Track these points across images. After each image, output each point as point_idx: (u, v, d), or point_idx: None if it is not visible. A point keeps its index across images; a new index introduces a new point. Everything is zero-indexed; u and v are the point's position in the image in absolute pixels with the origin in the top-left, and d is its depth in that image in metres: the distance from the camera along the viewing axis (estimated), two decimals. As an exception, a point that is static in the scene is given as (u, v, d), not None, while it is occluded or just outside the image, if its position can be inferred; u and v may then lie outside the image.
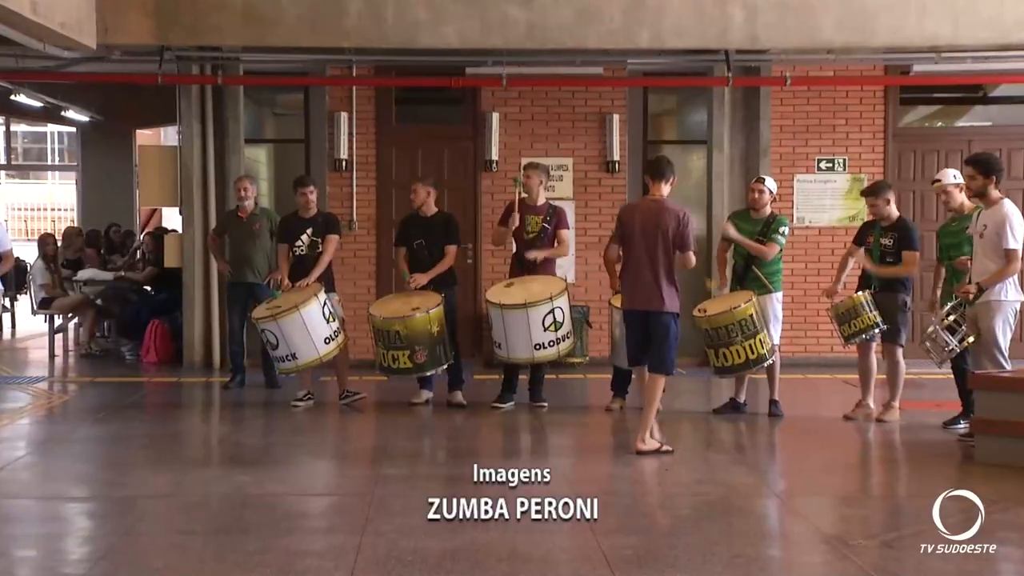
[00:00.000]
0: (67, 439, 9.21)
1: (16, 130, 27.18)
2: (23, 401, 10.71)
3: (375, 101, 13.03)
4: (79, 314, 14.09)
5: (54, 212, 28.38)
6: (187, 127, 12.53)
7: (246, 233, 11.23)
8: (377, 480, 7.78)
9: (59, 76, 13.17)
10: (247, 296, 11.14)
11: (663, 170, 8.42)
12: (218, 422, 10.48)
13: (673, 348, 8.31)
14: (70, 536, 6.61)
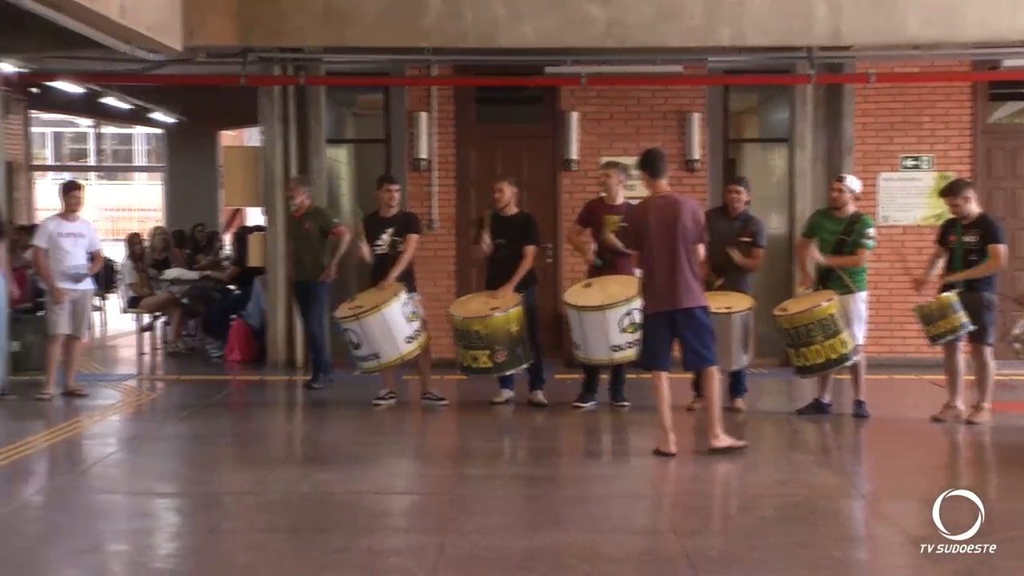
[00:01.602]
0: (154, 436, 9.35)
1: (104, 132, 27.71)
2: (113, 398, 10.89)
3: (454, 100, 13.04)
4: (166, 313, 14.29)
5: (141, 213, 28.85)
6: (269, 128, 12.64)
7: (298, 233, 11.34)
8: (458, 479, 7.78)
9: (145, 78, 13.37)
10: (303, 294, 11.29)
11: (662, 165, 8.32)
12: (300, 421, 10.56)
13: (711, 340, 8.20)
14: (158, 531, 6.69)
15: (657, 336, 8.22)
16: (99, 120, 23.59)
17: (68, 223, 10.74)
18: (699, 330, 8.13)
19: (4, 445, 8.61)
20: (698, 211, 8.23)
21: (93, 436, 9.34)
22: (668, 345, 8.23)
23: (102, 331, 15.97)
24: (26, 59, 12.27)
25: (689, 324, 8.11)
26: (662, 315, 8.18)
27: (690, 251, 8.11)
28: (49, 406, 10.26)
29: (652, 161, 8.34)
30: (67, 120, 27.31)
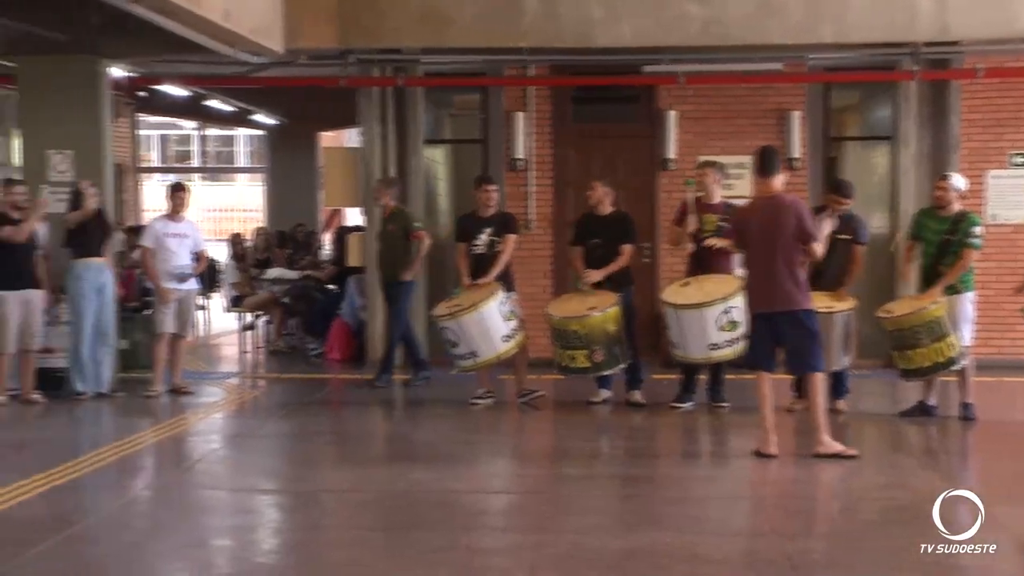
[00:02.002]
0: (256, 433, 9.51)
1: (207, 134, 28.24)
2: (217, 396, 11.10)
3: (551, 100, 13.05)
4: (267, 312, 14.52)
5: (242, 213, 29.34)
6: (368, 129, 12.78)
7: (382, 234, 11.42)
8: (556, 479, 7.78)
9: (248, 81, 13.61)
10: (388, 293, 11.37)
11: (773, 163, 8.16)
12: (398, 419, 10.66)
13: (817, 344, 8.07)
14: (261, 527, 6.81)
15: (760, 336, 8.14)
16: (203, 122, 24.06)
17: (174, 224, 10.98)
18: (801, 334, 8.01)
19: (114, 441, 8.83)
20: (803, 212, 8.08)
21: (198, 433, 9.53)
22: (770, 346, 8.13)
23: (206, 330, 16.27)
24: (134, 64, 12.58)
25: (790, 327, 8.00)
26: (764, 316, 8.09)
27: (792, 254, 7.99)
28: (156, 403, 10.49)
29: (761, 159, 8.23)
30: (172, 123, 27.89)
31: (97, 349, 10.58)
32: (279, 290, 14.41)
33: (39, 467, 7.69)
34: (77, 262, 10.49)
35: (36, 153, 11.20)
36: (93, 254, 10.54)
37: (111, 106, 11.48)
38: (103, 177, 11.07)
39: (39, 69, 11.08)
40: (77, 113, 11.05)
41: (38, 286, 10.35)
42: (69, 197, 10.64)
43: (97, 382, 10.56)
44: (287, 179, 20.31)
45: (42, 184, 10.64)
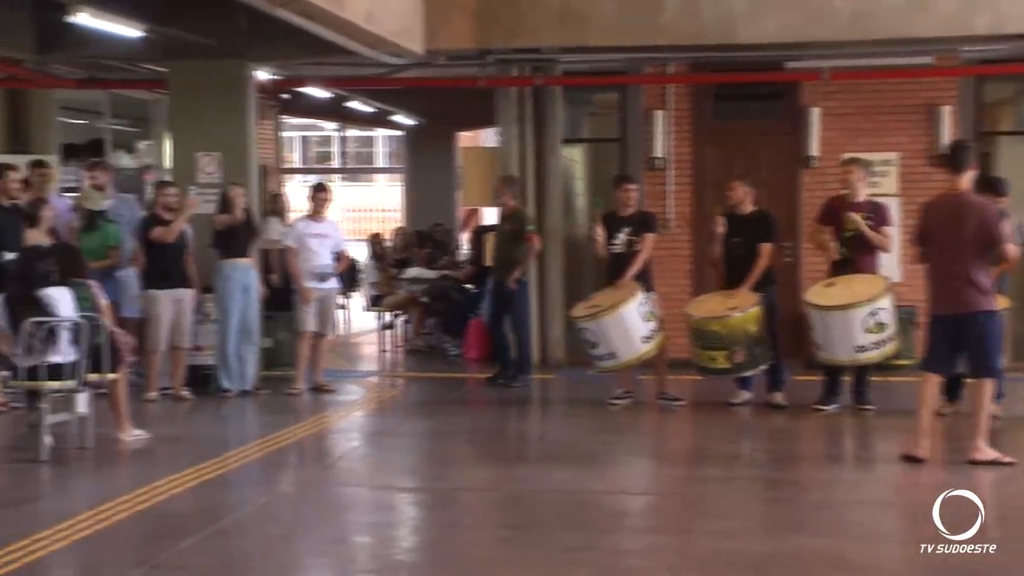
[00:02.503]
0: (396, 432, 9.65)
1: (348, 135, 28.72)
2: (357, 394, 11.30)
3: (691, 98, 12.94)
4: (406, 311, 14.71)
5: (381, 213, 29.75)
6: (507, 128, 12.84)
7: (498, 233, 11.42)
8: (696, 481, 7.72)
9: (388, 82, 13.81)
10: (501, 292, 11.38)
11: (965, 159, 7.87)
12: (537, 419, 10.70)
13: (995, 348, 7.79)
14: (401, 525, 6.91)
15: (937, 338, 7.89)
16: (343, 123, 24.48)
17: (315, 224, 11.20)
18: (980, 336, 7.73)
19: (259, 438, 9.06)
20: (988, 215, 7.78)
21: (339, 431, 9.71)
22: (947, 349, 7.85)
23: (346, 329, 16.58)
24: (279, 66, 12.87)
25: (970, 329, 7.75)
26: (944, 319, 7.85)
27: (974, 255, 7.72)
28: (298, 401, 10.72)
29: (952, 153, 8.00)
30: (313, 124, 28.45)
31: (242, 347, 10.85)
32: (418, 289, 14.59)
33: (189, 462, 7.94)
34: (224, 262, 10.78)
35: (185, 155, 11.56)
36: (240, 255, 10.81)
37: (256, 108, 11.77)
38: (248, 178, 11.36)
39: (189, 74, 11.43)
40: (224, 116, 11.37)
41: (189, 285, 10.66)
42: (218, 199, 10.94)
43: (242, 380, 10.83)
44: (425, 179, 20.52)
45: (190, 186, 10.98)
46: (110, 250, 10.69)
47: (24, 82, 13.03)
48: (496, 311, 11.51)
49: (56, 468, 7.87)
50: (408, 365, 13.61)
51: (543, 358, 12.61)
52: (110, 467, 8.15)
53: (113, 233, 10.77)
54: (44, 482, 7.65)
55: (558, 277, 12.75)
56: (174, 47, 11.30)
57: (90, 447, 8.35)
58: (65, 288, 8.28)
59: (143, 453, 8.50)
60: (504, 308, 11.43)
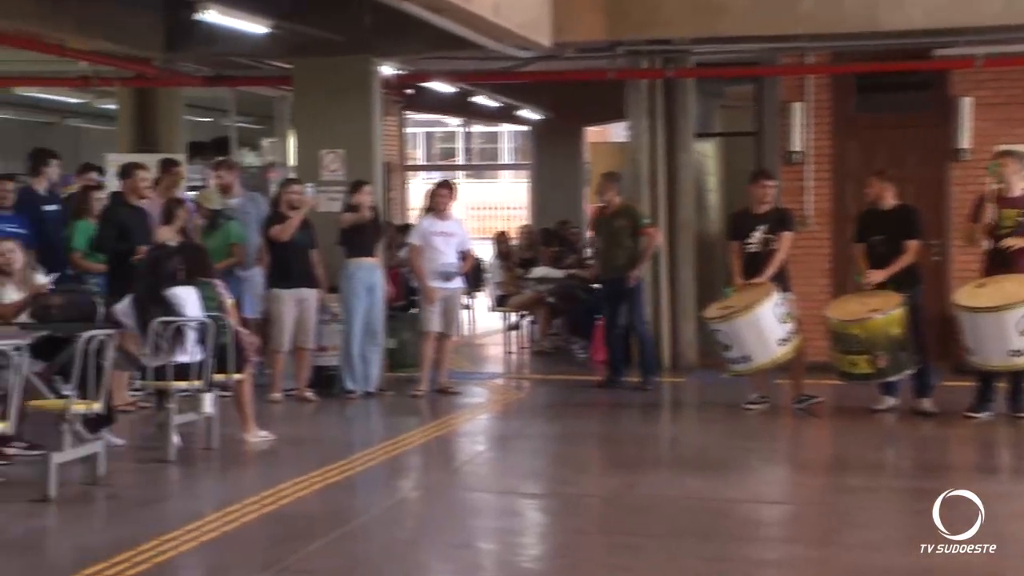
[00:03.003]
0: (522, 435, 9.67)
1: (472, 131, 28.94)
2: (482, 396, 11.36)
3: (831, 89, 12.70)
4: (532, 312, 14.75)
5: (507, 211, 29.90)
6: (636, 122, 12.78)
7: (608, 231, 11.34)
8: (837, 490, 7.58)
9: (514, 76, 13.87)
10: (613, 292, 11.27)
11: None
12: (667, 423, 10.64)
13: None
14: (527, 531, 6.92)
15: None
16: (468, 119, 24.66)
17: (440, 222, 11.28)
18: None
19: (384, 440, 9.17)
20: None
21: (464, 433, 9.78)
22: None
23: (471, 329, 16.69)
24: (403, 61, 13.02)
25: None
26: None
27: None
28: (423, 403, 10.82)
29: None
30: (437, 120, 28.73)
31: (367, 348, 11.00)
32: (544, 289, 14.61)
33: (315, 464, 8.07)
34: (350, 261, 10.93)
35: (309, 152, 11.77)
36: (365, 254, 10.95)
37: (381, 104, 11.92)
38: (373, 176, 11.52)
39: (314, 70, 11.64)
40: (349, 112, 11.55)
41: (313, 285, 10.81)
42: (344, 198, 11.09)
43: (366, 381, 10.97)
44: (552, 176, 20.56)
45: (307, 183, 11.11)
46: (233, 248, 10.93)
47: (152, 80, 13.43)
48: (612, 312, 11.42)
49: (183, 468, 8.08)
50: (534, 367, 13.64)
51: (674, 360, 12.53)
52: (236, 468, 8.34)
53: (235, 231, 11.00)
54: (172, 482, 7.86)
55: (690, 276, 12.65)
56: (300, 43, 11.52)
57: (216, 448, 8.56)
58: (191, 288, 8.50)
59: (268, 454, 8.68)
60: (619, 308, 11.34)
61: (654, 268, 12.50)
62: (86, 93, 15.46)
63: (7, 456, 7.83)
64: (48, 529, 6.74)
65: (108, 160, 13.48)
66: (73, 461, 7.41)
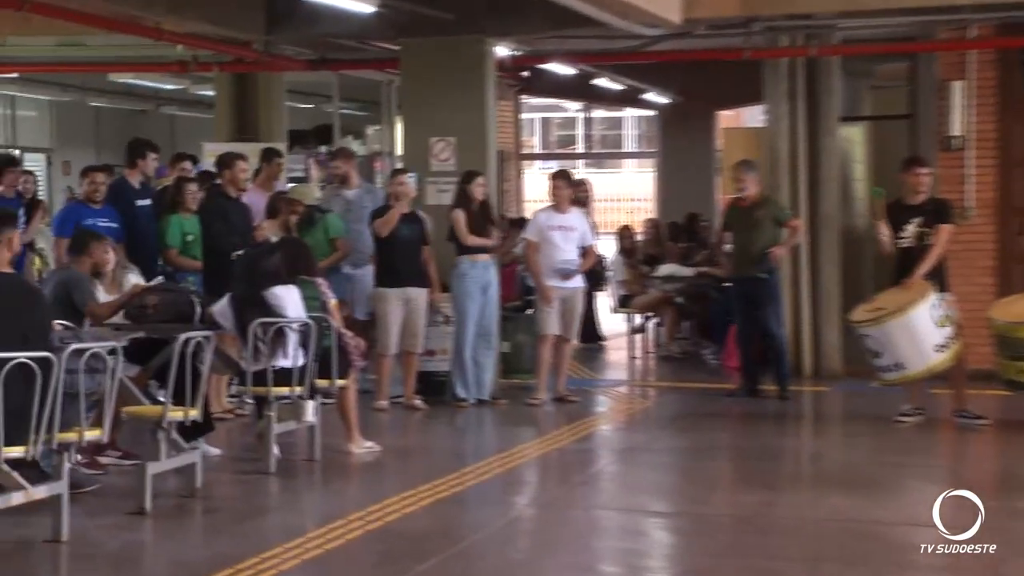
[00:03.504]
0: (648, 448, 9.63)
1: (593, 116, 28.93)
2: (604, 405, 11.34)
3: (997, 66, 12.39)
4: (659, 313, 14.66)
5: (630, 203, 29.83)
6: (775, 106, 12.63)
7: (745, 224, 11.18)
8: (1009, 514, 7.38)
9: (640, 56, 13.80)
10: (751, 291, 11.11)
11: None
12: (809, 436, 10.50)
13: None
14: (655, 554, 6.91)
15: None
16: (588, 103, 24.64)
17: (559, 215, 11.26)
18: None
19: (497, 452, 9.20)
20: None
21: (585, 446, 9.77)
22: None
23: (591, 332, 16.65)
24: (519, 42, 13.03)
25: None
26: None
27: None
28: (540, 412, 10.83)
29: None
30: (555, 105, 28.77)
31: (480, 352, 11.02)
32: (672, 289, 14.52)
33: (423, 478, 8.12)
34: (462, 258, 10.96)
35: (418, 141, 11.85)
36: (479, 250, 10.97)
37: (495, 88, 11.94)
38: (487, 165, 11.54)
39: (423, 51, 11.71)
40: (460, 97, 11.59)
41: (422, 284, 10.84)
42: (455, 189, 11.11)
43: (479, 388, 11.00)
44: (680, 164, 20.43)
45: (409, 173, 11.15)
46: (336, 243, 11.04)
47: (251, 65, 13.64)
48: (747, 313, 11.28)
49: (283, 481, 8.20)
50: (660, 373, 13.59)
51: (816, 368, 12.36)
52: (339, 481, 8.44)
53: (335, 225, 11.09)
54: (271, 495, 7.98)
55: (834, 274, 12.46)
56: (408, 23, 11.60)
57: (318, 459, 8.66)
58: (293, 287, 8.58)
59: (374, 467, 8.76)
60: (755, 309, 11.18)
61: (794, 266, 12.33)
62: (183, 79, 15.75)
63: (101, 465, 8.03)
64: (144, 543, 6.89)
65: (205, 150, 13.74)
66: (169, 471, 7.57)
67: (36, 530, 6.61)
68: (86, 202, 10.41)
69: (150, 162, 10.96)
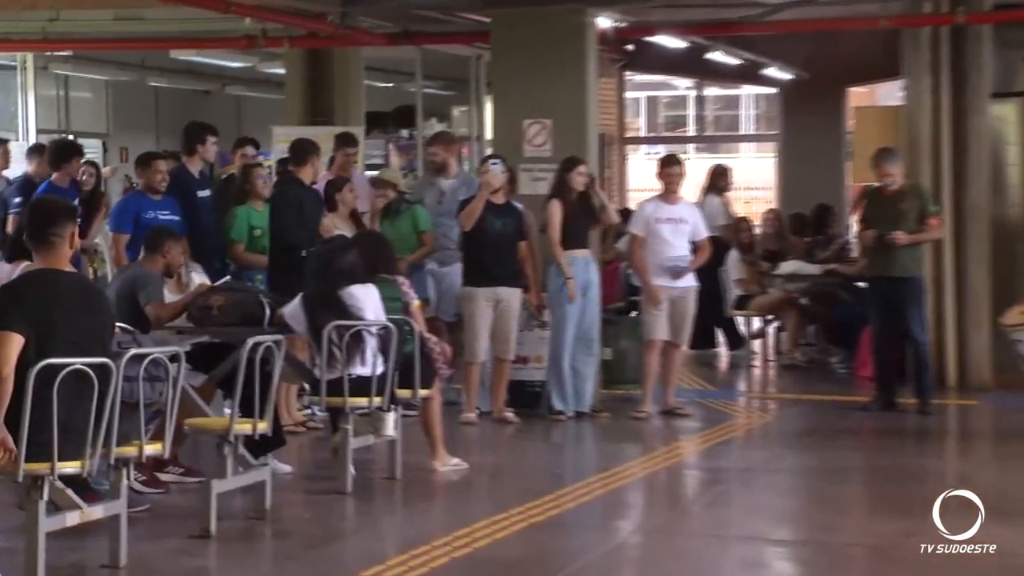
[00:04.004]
0: (768, 468, 9.56)
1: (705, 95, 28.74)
2: (718, 420, 11.27)
3: None
4: (780, 316, 14.55)
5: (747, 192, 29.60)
6: (915, 81, 12.49)
7: (886, 215, 11.02)
8: None
9: (760, 27, 13.72)
10: (882, 294, 11.00)
11: None
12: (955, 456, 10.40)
13: None
14: (777, 587, 6.85)
15: None
16: (701, 81, 24.52)
17: (668, 206, 11.22)
18: None
19: (599, 472, 9.18)
20: None
21: (696, 465, 9.76)
22: None
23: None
24: (624, 12, 13.02)
25: None
26: None
27: None
28: (646, 426, 10.81)
29: None
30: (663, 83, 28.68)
31: (579, 359, 11.00)
32: (795, 288, 14.41)
33: (515, 499, 8.13)
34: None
35: (509, 123, 11.86)
36: (577, 245, 10.94)
37: (596, 64, 11.92)
38: (587, 151, 11.53)
39: (516, 23, 11.73)
40: (558, 74, 11.58)
41: (515, 283, 10.82)
42: (554, 177, 11.08)
43: (578, 399, 10.99)
44: (805, 148, 20.28)
45: (493, 159, 11.14)
46: (422, 237, 11.08)
47: (326, 40, 13.76)
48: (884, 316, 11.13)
49: (361, 502, 8.25)
50: (782, 384, 13.50)
51: (961, 378, 12.21)
52: (422, 503, 8.47)
53: (423, 217, 11.14)
54: (348, 518, 8.04)
55: (983, 273, 12.29)
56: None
57: (399, 478, 8.71)
58: (372, 286, 8.62)
59: (460, 487, 8.79)
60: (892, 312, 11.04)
61: (936, 264, 12.18)
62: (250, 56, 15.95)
63: (162, 484, 8.14)
64: (209, 570, 6.99)
65: (274, 134, 13.87)
66: (235, 490, 7.65)
67: (92, 554, 6.73)
68: (146, 192, 10.48)
69: (210, 148, 11.00)
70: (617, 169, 19.14)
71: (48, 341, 6.05)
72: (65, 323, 6.12)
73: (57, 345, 6.08)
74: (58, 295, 6.18)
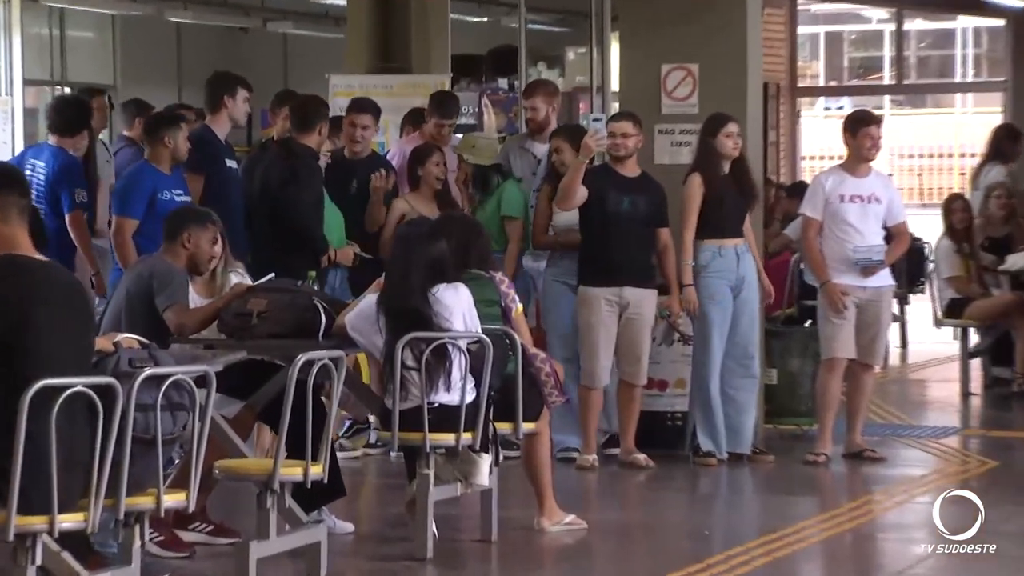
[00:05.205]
0: (994, 531, 9.41)
1: (907, 30, 28.49)
2: (923, 466, 11.23)
3: None
4: (1009, 326, 14.39)
5: (963, 160, 29.32)
6: None
7: None
8: None
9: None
10: None
11: None
12: None
13: None
14: None
15: None
16: (900, 10, 24.30)
17: (854, 179, 11.15)
18: None
19: (761, 534, 9.19)
20: None
21: (893, 524, 9.74)
22: None
23: (903, 354, 16.49)
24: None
25: None
26: None
27: None
28: (824, 473, 10.83)
29: None
30: (850, 13, 28.45)
31: (733, 382, 10.99)
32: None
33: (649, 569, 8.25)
34: (702, 244, 10.96)
35: (643, 70, 11.84)
36: (728, 233, 10.95)
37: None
38: (746, 106, 11.50)
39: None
40: (707, 6, 11.56)
41: (647, 283, 10.83)
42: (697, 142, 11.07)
43: (733, 437, 10.97)
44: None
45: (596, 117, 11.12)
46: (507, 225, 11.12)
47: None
48: None
49: (445, 571, 8.30)
50: (1010, 418, 13.38)
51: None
52: (524, 572, 8.51)
53: (509, 197, 11.20)
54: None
55: None
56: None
57: (494, 540, 8.73)
58: (461, 286, 8.60)
59: (576, 552, 8.83)
60: None
61: None
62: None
63: (185, 545, 8.20)
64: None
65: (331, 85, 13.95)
66: (281, 555, 7.70)
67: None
68: (156, 164, 10.22)
69: (241, 104, 10.81)
70: (787, 130, 19.05)
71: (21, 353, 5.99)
72: (45, 327, 6.03)
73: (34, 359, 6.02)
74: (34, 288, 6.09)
